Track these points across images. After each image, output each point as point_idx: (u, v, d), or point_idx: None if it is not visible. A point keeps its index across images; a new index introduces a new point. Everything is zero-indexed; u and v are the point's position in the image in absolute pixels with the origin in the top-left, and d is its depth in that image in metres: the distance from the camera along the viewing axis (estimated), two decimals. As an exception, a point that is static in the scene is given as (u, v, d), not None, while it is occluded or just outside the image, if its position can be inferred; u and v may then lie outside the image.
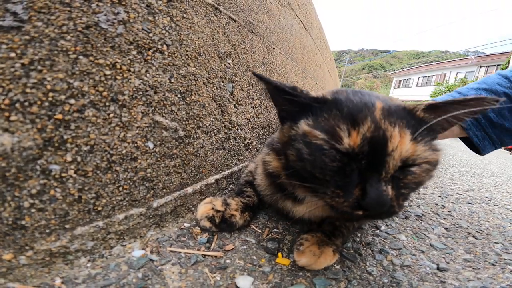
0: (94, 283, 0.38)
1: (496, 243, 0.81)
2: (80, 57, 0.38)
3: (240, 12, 0.85)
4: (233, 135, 0.75)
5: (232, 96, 0.76)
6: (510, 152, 8.41)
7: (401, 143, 0.38)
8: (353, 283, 0.50)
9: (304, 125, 0.43)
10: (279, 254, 0.54)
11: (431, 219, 0.94)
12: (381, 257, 0.62)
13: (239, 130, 0.79)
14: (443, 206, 1.14)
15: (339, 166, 0.39)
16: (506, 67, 12.91)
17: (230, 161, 0.75)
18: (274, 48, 1.13)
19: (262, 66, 0.98)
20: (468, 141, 0.79)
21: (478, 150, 0.76)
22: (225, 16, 0.75)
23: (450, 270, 0.61)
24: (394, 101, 0.46)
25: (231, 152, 0.74)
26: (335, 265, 0.55)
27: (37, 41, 0.35)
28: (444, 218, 0.98)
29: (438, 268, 0.60)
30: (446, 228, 0.88)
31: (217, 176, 0.68)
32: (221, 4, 0.74)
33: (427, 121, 0.43)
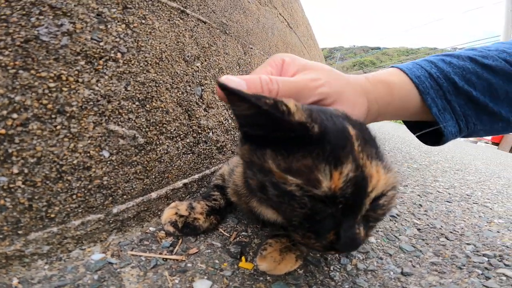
0: (49, 284, 0.39)
1: (468, 244, 0.80)
2: (20, 71, 0.38)
3: (211, 13, 0.85)
4: (203, 139, 0.76)
5: (201, 100, 0.76)
6: (497, 146, 8.35)
7: (379, 181, 0.35)
8: None
9: (271, 164, 0.35)
10: (243, 258, 0.55)
11: (405, 220, 0.93)
12: (346, 261, 0.61)
13: (210, 134, 0.79)
14: (420, 205, 1.12)
15: (312, 213, 0.35)
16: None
17: (201, 165, 0.75)
18: (252, 48, 1.13)
19: (237, 67, 0.98)
20: (418, 127, 0.62)
21: (437, 136, 0.59)
22: (193, 19, 0.75)
23: (414, 274, 0.60)
24: (355, 111, 0.42)
25: (201, 156, 0.75)
26: (298, 270, 0.54)
27: (-26, 57, 0.35)
28: (419, 218, 0.96)
29: (402, 273, 0.59)
30: (419, 229, 0.86)
31: (185, 180, 0.69)
32: (188, 6, 0.74)
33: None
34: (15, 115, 0.38)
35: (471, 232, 0.89)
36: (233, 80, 0.36)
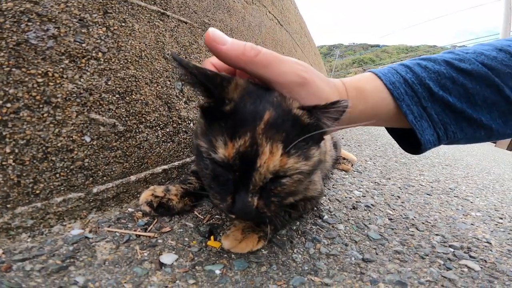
0: (29, 253, 0.46)
1: (437, 235, 0.82)
2: (13, 69, 0.46)
3: (192, 14, 0.92)
4: (183, 129, 0.83)
5: (182, 94, 0.84)
6: (495, 144, 8.24)
7: (269, 160, 0.41)
8: (273, 267, 0.53)
9: (197, 129, 0.48)
10: (212, 237, 0.59)
11: (380, 210, 0.95)
12: (310, 245, 0.64)
13: (191, 124, 0.87)
14: (398, 197, 1.14)
15: (214, 174, 0.45)
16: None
17: (181, 153, 0.83)
18: (236, 45, 1.20)
19: (220, 64, 1.06)
20: (399, 132, 0.63)
21: (416, 144, 0.56)
22: (174, 20, 0.83)
23: (375, 261, 0.61)
24: (285, 100, 0.46)
25: (181, 144, 0.83)
26: (263, 250, 0.58)
27: (-26, 57, 0.43)
28: (394, 209, 0.98)
29: (363, 259, 0.61)
30: (390, 219, 0.88)
31: (165, 167, 0.77)
32: (168, 8, 0.81)
33: (311, 127, 0.45)
34: (9, 105, 0.46)
35: (443, 224, 0.91)
36: (217, 34, 0.42)
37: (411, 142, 0.59)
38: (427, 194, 1.27)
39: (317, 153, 0.48)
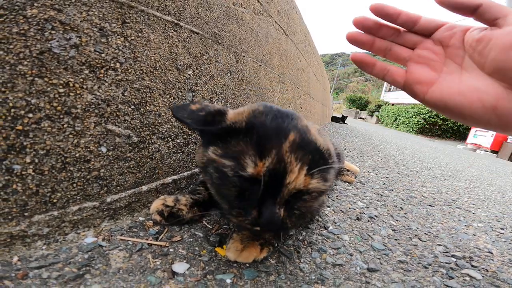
0: (45, 261, 0.46)
1: (439, 245, 0.83)
2: (36, 78, 0.47)
3: (204, 24, 0.93)
4: (192, 140, 0.84)
5: (192, 104, 0.84)
6: (496, 154, 8.27)
7: (297, 178, 0.46)
8: (282, 277, 0.55)
9: (211, 154, 0.49)
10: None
11: (383, 221, 0.96)
12: (317, 255, 0.65)
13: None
14: (401, 208, 1.16)
15: (241, 191, 0.47)
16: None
17: (190, 164, 0.84)
18: (244, 56, 1.21)
19: (229, 74, 1.07)
20: None
21: None
22: (186, 30, 0.84)
23: (379, 271, 0.63)
24: (310, 132, 0.51)
25: (190, 155, 0.83)
26: (271, 260, 0.60)
27: (0, 67, 0.43)
28: (397, 220, 0.99)
29: (368, 269, 0.63)
30: (394, 230, 0.89)
31: (175, 177, 0.77)
32: (182, 19, 0.82)
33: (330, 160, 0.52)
34: (30, 115, 0.47)
35: (445, 234, 0.92)
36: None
37: None
38: (430, 205, 1.28)
39: (333, 175, 0.53)
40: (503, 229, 1.12)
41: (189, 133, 0.83)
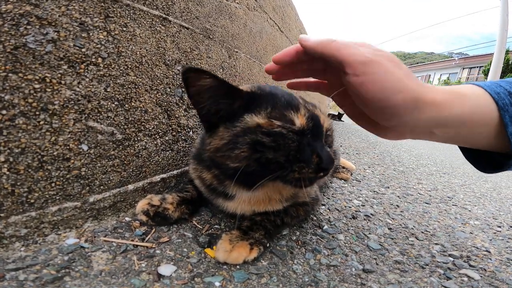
0: (22, 263, 0.45)
1: (436, 244, 0.80)
2: (10, 74, 0.45)
3: (194, 19, 0.91)
4: (182, 137, 0.82)
5: (181, 101, 0.82)
6: None
7: (325, 119, 0.56)
8: (274, 279, 0.52)
9: (255, 118, 0.51)
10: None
11: (379, 219, 0.94)
12: (311, 255, 0.63)
13: (191, 133, 0.85)
14: (397, 206, 1.13)
15: (297, 144, 0.51)
16: (488, 69, 12.60)
17: (180, 162, 0.82)
18: (237, 51, 1.19)
19: (221, 70, 1.05)
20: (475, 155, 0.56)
21: (497, 162, 0.52)
22: (175, 25, 0.82)
23: (375, 272, 0.61)
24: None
25: (180, 153, 0.81)
26: (262, 261, 0.57)
27: (-31, 61, 0.41)
28: (393, 218, 0.97)
29: (363, 270, 0.61)
30: (390, 228, 0.87)
31: (164, 175, 0.75)
32: (170, 14, 0.80)
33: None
34: (4, 112, 0.44)
35: (442, 233, 0.90)
36: (305, 36, 0.50)
37: (489, 161, 0.55)
38: (426, 203, 1.27)
39: None
40: (500, 227, 1.10)
41: (178, 129, 0.80)
